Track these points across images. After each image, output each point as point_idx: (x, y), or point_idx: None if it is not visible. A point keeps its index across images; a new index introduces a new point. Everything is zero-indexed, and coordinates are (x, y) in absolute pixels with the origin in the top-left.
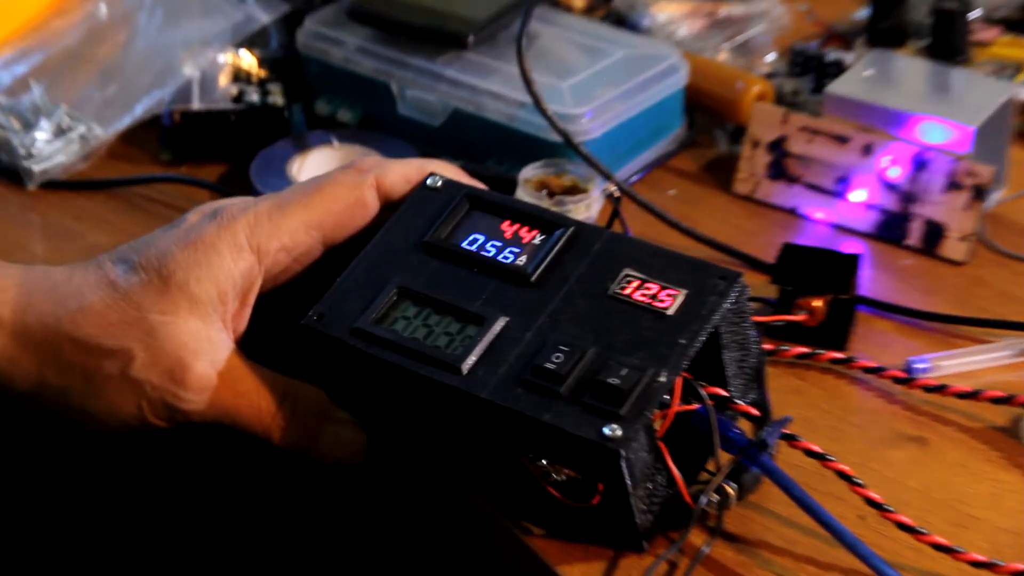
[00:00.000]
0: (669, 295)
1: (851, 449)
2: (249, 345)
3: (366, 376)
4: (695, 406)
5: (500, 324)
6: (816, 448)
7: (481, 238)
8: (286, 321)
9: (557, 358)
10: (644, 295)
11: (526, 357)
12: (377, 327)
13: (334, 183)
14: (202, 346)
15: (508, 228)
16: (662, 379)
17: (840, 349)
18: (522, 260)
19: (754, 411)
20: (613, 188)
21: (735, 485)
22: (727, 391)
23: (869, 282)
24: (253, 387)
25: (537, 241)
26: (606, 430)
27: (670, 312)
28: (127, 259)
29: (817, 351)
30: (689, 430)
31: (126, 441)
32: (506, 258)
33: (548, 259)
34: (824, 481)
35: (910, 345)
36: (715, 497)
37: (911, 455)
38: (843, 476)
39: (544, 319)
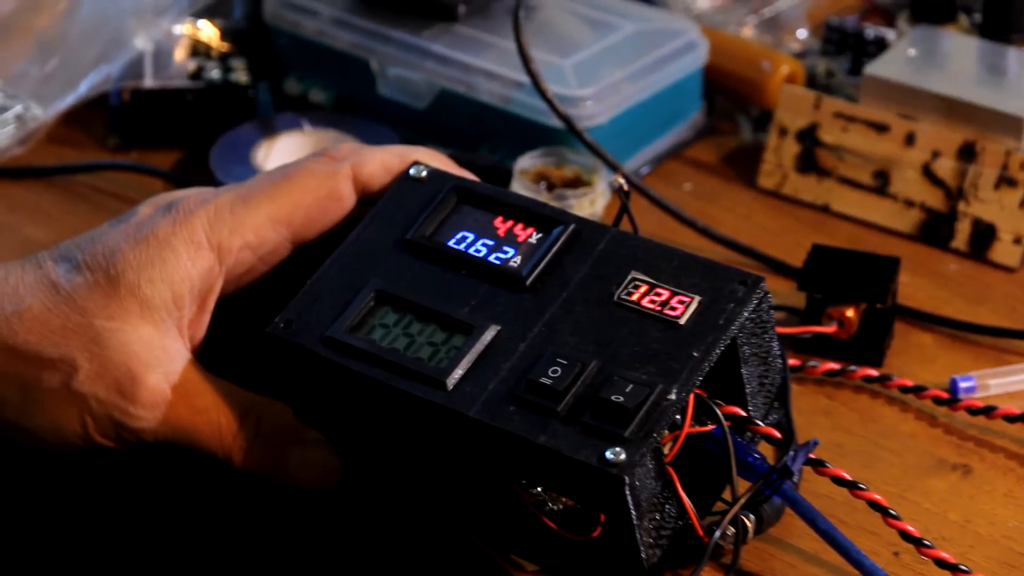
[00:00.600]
0: (681, 302)
1: (886, 477)
2: (208, 355)
3: (339, 391)
4: (710, 427)
5: (491, 334)
6: (846, 475)
7: (470, 236)
8: (250, 328)
9: (554, 372)
10: (653, 302)
11: (519, 371)
12: (352, 336)
13: (305, 172)
14: (155, 356)
15: (501, 225)
16: (672, 397)
17: (876, 365)
18: (516, 261)
19: (776, 433)
20: (621, 181)
21: (753, 517)
22: (746, 411)
23: (909, 289)
24: (212, 403)
25: (533, 240)
26: (608, 454)
27: (682, 321)
28: (70, 257)
29: (849, 367)
30: (703, 454)
31: (67, 462)
32: (498, 259)
33: (545, 260)
34: (854, 513)
35: (954, 361)
36: (731, 530)
37: (953, 485)
38: (876, 507)
39: (540, 328)
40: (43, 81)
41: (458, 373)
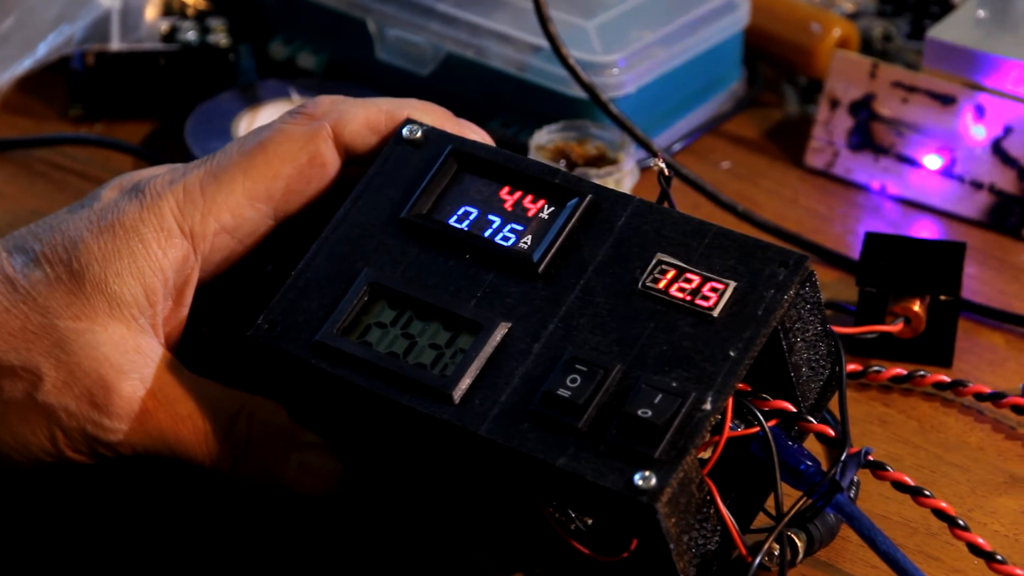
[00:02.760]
0: (714, 289)
1: (949, 495)
2: (189, 353)
3: (333, 401)
4: (755, 429)
5: (500, 333)
6: (908, 480)
7: (474, 212)
8: (233, 318)
9: (573, 382)
10: (682, 290)
11: (534, 378)
12: (344, 340)
13: (281, 138)
14: (128, 360)
15: (508, 197)
16: (707, 407)
17: (945, 366)
18: (527, 242)
19: (830, 431)
20: (661, 164)
21: (803, 534)
22: (795, 404)
23: (975, 283)
24: (196, 407)
25: (545, 215)
26: (637, 479)
27: (715, 313)
28: (26, 248)
29: (918, 372)
30: (745, 456)
31: (36, 476)
32: (506, 239)
33: (559, 241)
34: (914, 535)
35: None
36: (777, 549)
37: None
38: (942, 516)
39: (556, 324)
40: None
41: (465, 383)
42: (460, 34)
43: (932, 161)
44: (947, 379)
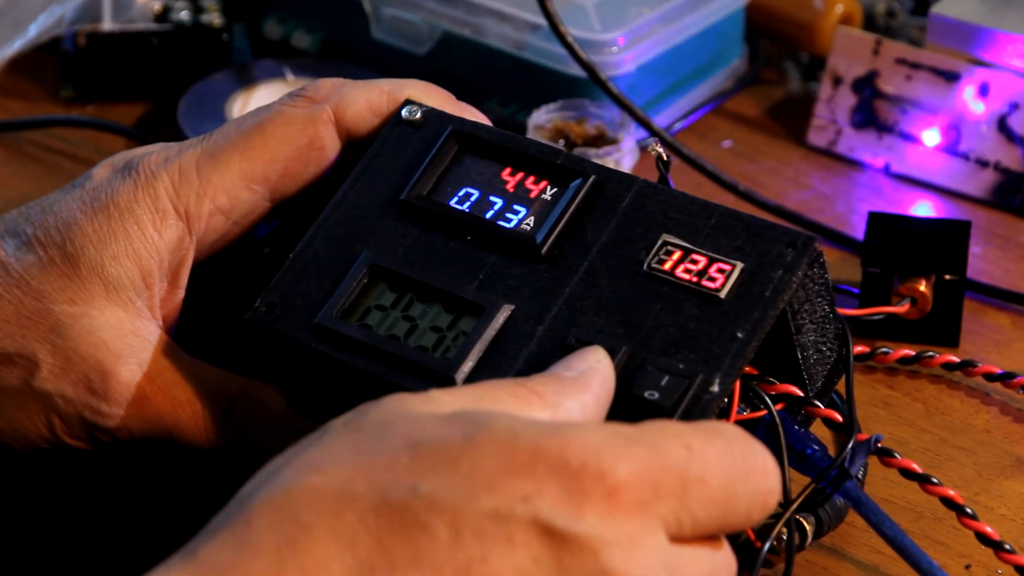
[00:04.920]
0: (720, 270)
1: (955, 479)
2: (185, 334)
3: (332, 384)
4: (761, 412)
5: (503, 315)
6: (916, 467)
7: (475, 193)
8: (229, 298)
9: None
10: (688, 271)
11: (539, 360)
12: (344, 323)
13: (280, 119)
14: (126, 344)
15: (510, 178)
16: (715, 389)
17: (952, 346)
18: (529, 224)
19: (837, 416)
20: (660, 149)
21: (812, 518)
22: (802, 388)
23: (981, 262)
24: (193, 392)
25: (548, 196)
26: None
27: (722, 295)
28: (18, 231)
29: (927, 353)
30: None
31: (33, 461)
32: (508, 220)
33: (562, 222)
34: (920, 520)
35: None
36: (784, 534)
37: None
38: (950, 504)
39: (560, 306)
40: None
41: (468, 366)
42: (457, 12)
43: (936, 139)
44: (956, 359)
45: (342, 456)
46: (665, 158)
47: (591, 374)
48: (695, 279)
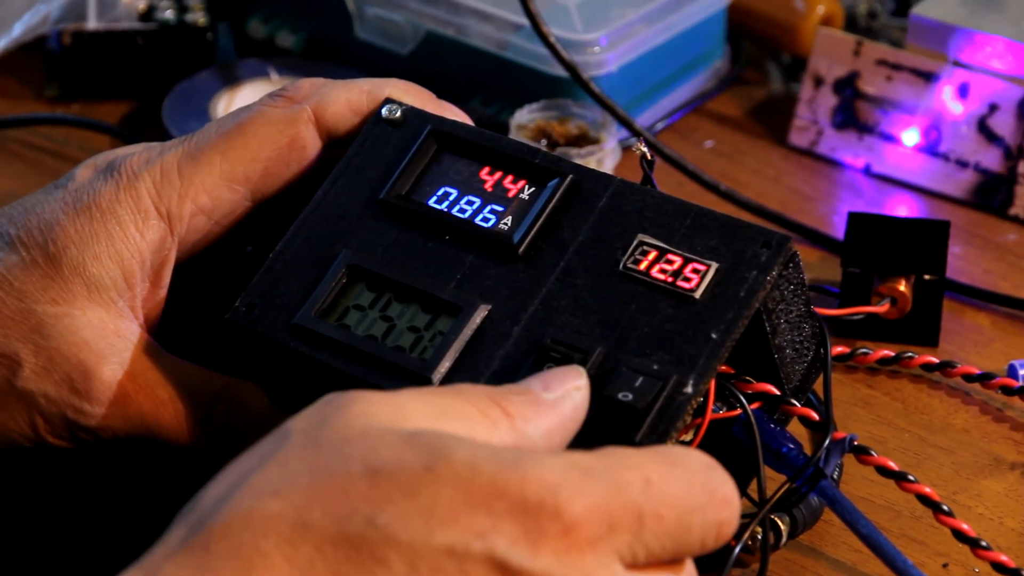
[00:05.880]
0: (696, 271)
1: (934, 478)
2: (167, 334)
3: (312, 384)
4: (737, 411)
5: (480, 315)
6: (892, 465)
7: (453, 192)
8: (210, 297)
9: (553, 364)
10: (664, 271)
11: (514, 360)
12: (322, 323)
13: (260, 120)
14: (108, 343)
15: (488, 178)
16: (688, 390)
17: (931, 346)
18: (507, 223)
19: (814, 415)
20: (644, 148)
21: (787, 518)
22: (779, 387)
23: (961, 262)
24: (175, 391)
25: (526, 196)
26: None
27: (697, 295)
28: (1, 232)
29: (906, 354)
30: (728, 439)
31: (15, 461)
32: (486, 220)
33: (539, 222)
34: (897, 519)
35: (1012, 345)
36: (759, 534)
37: (1011, 487)
38: (926, 501)
39: (536, 306)
40: None
41: (445, 366)
42: (440, 12)
43: (916, 139)
44: (936, 360)
45: (298, 478)
46: (649, 157)
47: (565, 401)
48: (670, 279)
